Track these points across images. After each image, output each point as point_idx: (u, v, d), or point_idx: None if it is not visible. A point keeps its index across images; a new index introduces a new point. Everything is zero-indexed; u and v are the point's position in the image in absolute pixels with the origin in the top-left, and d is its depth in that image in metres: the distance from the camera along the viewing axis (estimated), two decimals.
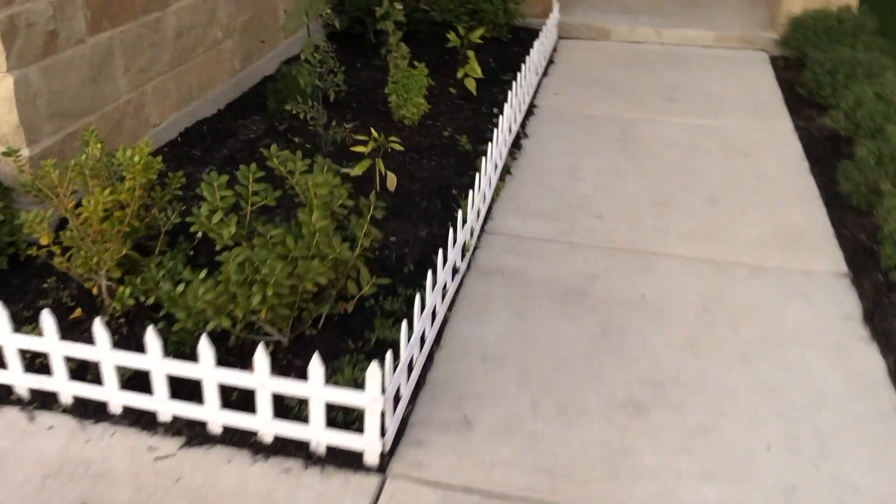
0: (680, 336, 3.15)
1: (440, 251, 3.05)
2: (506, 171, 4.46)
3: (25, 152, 3.26)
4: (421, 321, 2.81)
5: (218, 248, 2.74)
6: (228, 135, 4.60)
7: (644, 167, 4.57)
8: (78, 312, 3.01)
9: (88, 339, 2.92)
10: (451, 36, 5.38)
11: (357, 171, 3.98)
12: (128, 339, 2.91)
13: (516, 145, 4.79)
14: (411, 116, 4.80)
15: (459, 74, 5.38)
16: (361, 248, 2.86)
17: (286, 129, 4.70)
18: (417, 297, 2.72)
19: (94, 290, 3.01)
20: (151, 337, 2.47)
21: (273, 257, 2.58)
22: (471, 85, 5.34)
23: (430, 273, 2.87)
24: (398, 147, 4.05)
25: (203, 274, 2.63)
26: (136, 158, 2.77)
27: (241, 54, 5.07)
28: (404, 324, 2.56)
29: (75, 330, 2.96)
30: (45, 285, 3.17)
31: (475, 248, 3.69)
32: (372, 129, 4.17)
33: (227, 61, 4.88)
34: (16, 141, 3.23)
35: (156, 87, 4.17)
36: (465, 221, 3.57)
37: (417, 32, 6.49)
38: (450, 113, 5.13)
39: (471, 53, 5.32)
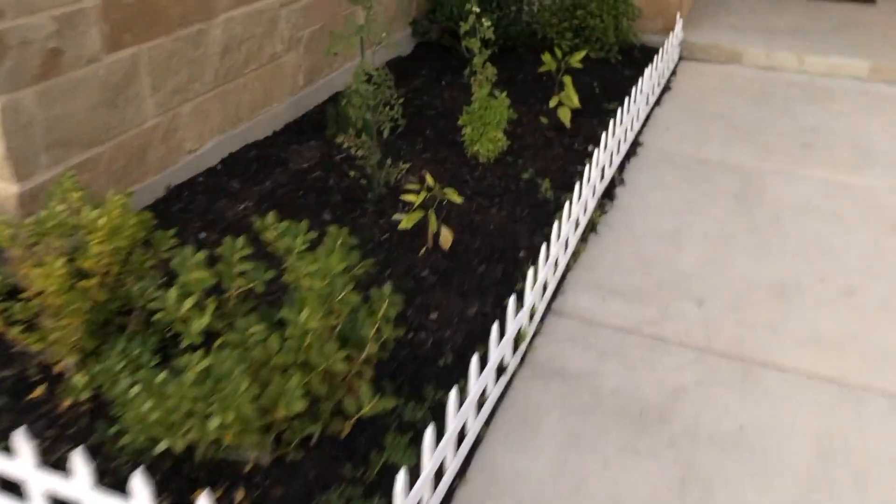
0: (786, 499, 2.36)
1: (474, 356, 2.39)
2: (591, 228, 3.74)
3: (14, 188, 2.83)
4: (436, 455, 2.17)
5: (184, 344, 2.20)
6: (278, 163, 4.09)
7: (764, 237, 3.73)
8: (39, 391, 2.54)
9: (48, 426, 2.45)
10: (546, 58, 4.67)
11: (406, 223, 3.37)
12: (85, 433, 2.42)
13: (609, 194, 4.05)
14: (486, 153, 4.14)
15: (552, 103, 4.67)
16: (367, 354, 2.25)
17: (343, 160, 4.15)
18: (429, 430, 2.08)
19: (58, 369, 2.55)
20: (79, 462, 1.95)
21: (240, 371, 2.00)
22: (564, 116, 4.63)
23: (453, 392, 2.23)
24: (455, 199, 3.40)
25: (163, 376, 2.09)
26: (102, 221, 2.25)
27: (306, 69, 4.55)
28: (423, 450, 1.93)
29: (32, 413, 2.50)
30: (14, 350, 2.74)
31: (535, 334, 3.01)
32: (427, 175, 3.55)
33: (287, 77, 4.38)
34: (1, 175, 2.81)
35: (194, 108, 3.70)
36: (521, 305, 2.89)
37: (514, 48, 5.80)
38: (536, 148, 4.43)
39: (567, 80, 4.59)
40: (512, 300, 2.69)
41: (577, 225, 3.58)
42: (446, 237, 3.41)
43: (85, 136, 3.10)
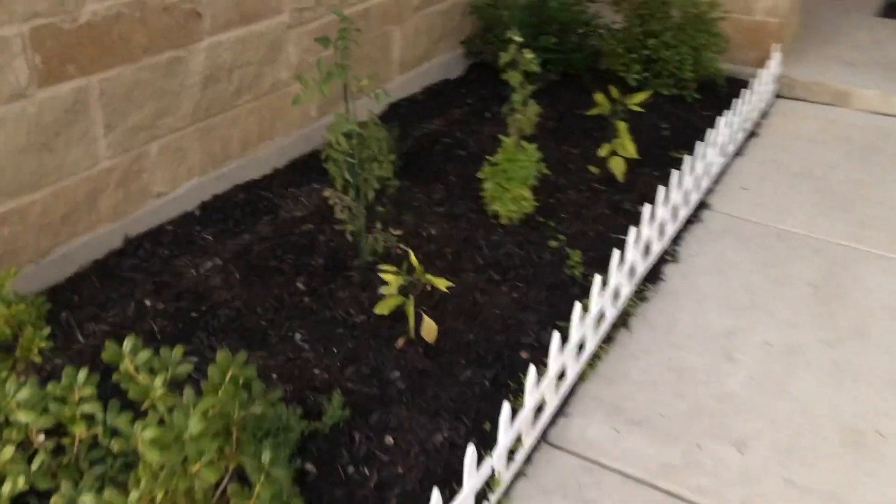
0: None
1: None
2: (622, 321, 3.04)
3: None
4: None
5: None
6: (267, 209, 3.57)
7: (843, 353, 2.93)
8: None
9: None
10: (599, 99, 3.96)
11: (382, 308, 2.77)
12: None
13: (654, 275, 3.32)
14: (507, 215, 3.49)
15: (603, 152, 3.96)
16: None
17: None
18: None
19: None
20: None
21: None
22: (617, 168, 3.91)
23: None
24: (440, 286, 2.78)
25: None
26: None
27: (321, 98, 4.01)
28: None
29: None
30: None
31: (517, 475, 2.36)
32: (411, 254, 2.93)
33: (295, 108, 3.85)
34: None
35: (165, 147, 3.22)
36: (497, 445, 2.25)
37: (577, 78, 5.08)
38: (575, 207, 3.74)
39: (621, 125, 3.87)
40: (470, 453, 2.05)
41: (600, 319, 2.90)
42: (429, 329, 2.79)
43: (6, 184, 2.65)
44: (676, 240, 3.60)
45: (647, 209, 3.22)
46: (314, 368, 2.70)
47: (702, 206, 3.90)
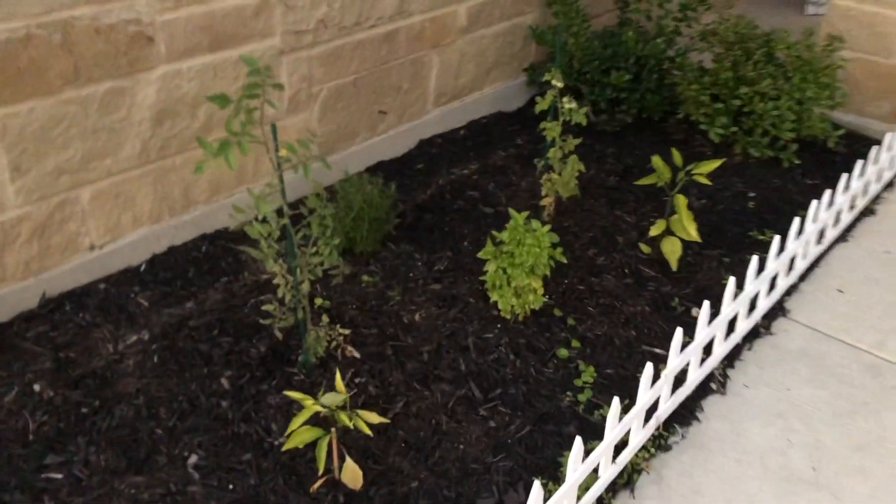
0: None
1: None
2: (626, 479, 2.29)
3: None
4: None
5: None
6: (230, 268, 3.02)
7: None
8: None
9: None
10: (657, 164, 3.16)
11: (291, 443, 2.14)
12: None
13: (687, 411, 2.54)
14: (507, 310, 2.78)
15: (654, 231, 3.17)
16: None
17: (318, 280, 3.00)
18: None
19: None
20: None
21: None
22: (671, 252, 3.11)
23: None
24: (365, 429, 2.12)
25: None
26: None
27: (325, 135, 3.43)
28: None
29: None
30: None
31: None
32: (337, 377, 2.25)
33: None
34: None
35: (102, 192, 2.72)
36: None
37: (652, 124, 4.25)
38: (609, 297, 2.98)
39: (680, 201, 3.06)
40: None
41: (593, 472, 2.16)
42: (352, 475, 2.14)
43: None
44: (730, 360, 2.79)
45: (703, 313, 2.44)
46: None
47: (777, 310, 3.04)
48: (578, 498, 2.10)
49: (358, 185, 2.99)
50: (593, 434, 2.42)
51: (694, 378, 2.60)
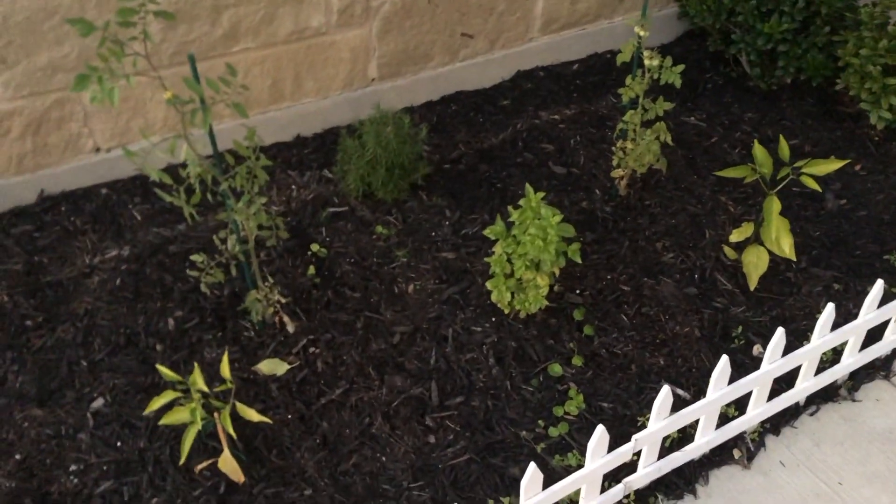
0: None
1: None
2: None
3: None
4: None
5: None
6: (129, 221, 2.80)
7: None
8: None
9: None
10: (758, 153, 2.45)
11: (168, 419, 1.92)
12: None
13: (660, 493, 2.02)
14: (503, 303, 2.32)
15: (737, 236, 2.51)
16: None
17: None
18: None
19: None
20: None
21: None
22: (753, 266, 2.46)
23: None
24: (252, 418, 1.82)
25: None
26: None
27: (385, 57, 3.03)
28: None
29: None
30: None
31: None
32: (196, 371, 1.94)
33: (344, 62, 2.94)
34: None
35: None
36: None
37: (811, 90, 3.35)
38: (658, 308, 2.44)
39: (772, 204, 2.37)
40: None
41: None
42: (229, 466, 1.90)
43: None
44: (777, 420, 2.18)
45: (772, 354, 1.92)
46: (71, 465, 2.01)
47: (877, 368, 2.33)
48: None
49: (380, 123, 2.62)
50: (544, 481, 1.99)
51: (702, 443, 2.05)
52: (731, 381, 1.97)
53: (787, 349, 2.19)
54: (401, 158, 2.63)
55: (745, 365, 2.32)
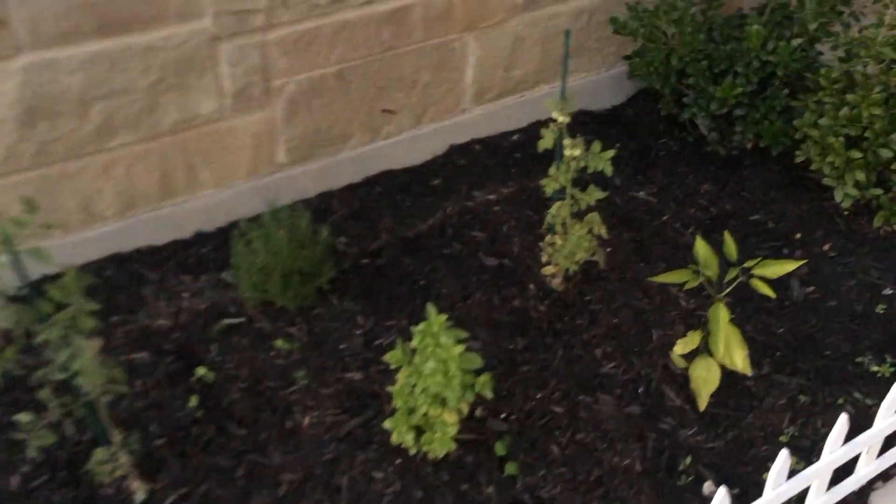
0: None
1: None
2: None
3: None
4: None
5: None
6: (127, 305, 2.47)
7: None
8: None
9: None
10: (700, 251, 2.13)
11: None
12: None
13: None
14: (408, 442, 1.98)
15: (681, 348, 2.18)
16: None
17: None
18: None
19: None
20: None
21: None
22: (702, 383, 2.13)
23: None
24: None
25: None
26: None
27: (291, 139, 2.73)
28: None
29: None
30: None
31: None
32: None
33: (244, 150, 2.63)
34: None
35: None
36: None
37: (770, 159, 3.04)
38: (595, 432, 2.11)
39: (720, 316, 2.04)
40: None
41: None
42: None
43: None
44: None
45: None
46: None
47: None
48: None
49: (275, 223, 2.29)
50: None
51: None
52: None
53: (740, 496, 1.85)
54: (298, 264, 2.30)
55: None
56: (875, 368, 2.31)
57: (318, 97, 2.73)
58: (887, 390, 1.87)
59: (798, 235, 2.74)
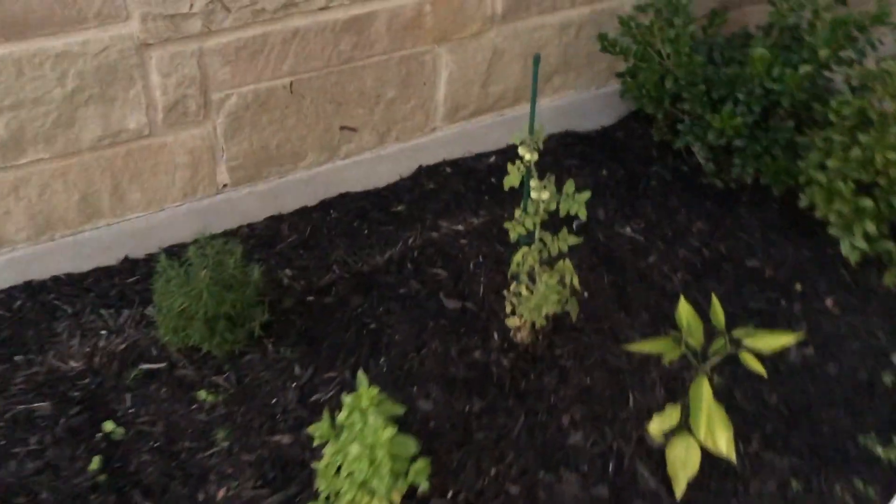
0: None
1: None
2: None
3: None
4: None
5: None
6: (35, 342, 2.19)
7: None
8: None
9: None
10: (684, 314, 1.85)
11: None
12: None
13: None
14: None
15: (658, 426, 1.89)
16: None
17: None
18: None
19: None
20: None
21: None
22: (680, 465, 1.84)
23: None
24: None
25: None
26: None
27: (239, 159, 2.45)
28: None
29: None
30: None
31: None
32: None
33: (170, 170, 2.35)
34: None
35: None
36: None
37: (771, 198, 2.74)
38: None
39: (703, 392, 1.76)
40: None
41: None
42: None
43: None
44: None
45: None
46: None
47: None
48: None
49: (200, 261, 2.01)
50: None
51: None
52: None
53: None
54: (224, 309, 2.02)
55: None
56: (879, 451, 2.03)
57: (267, 112, 2.43)
58: (893, 479, 1.59)
59: (798, 287, 2.45)
